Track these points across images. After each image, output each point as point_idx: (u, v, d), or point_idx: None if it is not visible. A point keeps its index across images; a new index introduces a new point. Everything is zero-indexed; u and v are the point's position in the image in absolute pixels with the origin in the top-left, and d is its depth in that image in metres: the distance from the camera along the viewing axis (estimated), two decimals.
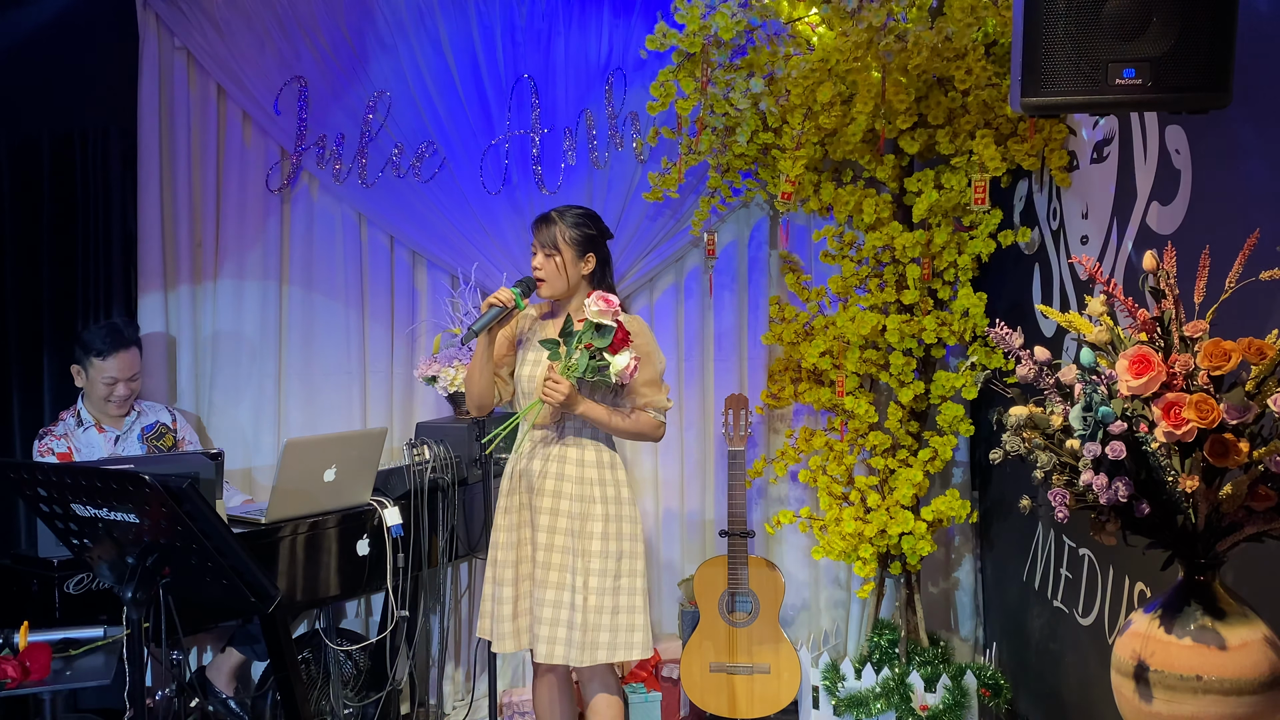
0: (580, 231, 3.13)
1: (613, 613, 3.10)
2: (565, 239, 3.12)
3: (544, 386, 3.01)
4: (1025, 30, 2.17)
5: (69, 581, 3.05)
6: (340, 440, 3.55)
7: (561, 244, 3.11)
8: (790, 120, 3.71)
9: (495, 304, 3.10)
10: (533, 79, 4.26)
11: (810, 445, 4.09)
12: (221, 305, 4.31)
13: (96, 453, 3.79)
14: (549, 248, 3.12)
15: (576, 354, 2.95)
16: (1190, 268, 1.98)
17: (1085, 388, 1.87)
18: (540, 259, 3.13)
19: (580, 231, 3.13)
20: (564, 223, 3.13)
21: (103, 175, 4.26)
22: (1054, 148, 3.43)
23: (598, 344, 2.95)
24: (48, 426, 3.83)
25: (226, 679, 3.73)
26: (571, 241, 3.12)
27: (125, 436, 3.87)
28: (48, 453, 3.75)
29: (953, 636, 4.32)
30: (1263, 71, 2.28)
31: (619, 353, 2.98)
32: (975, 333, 3.89)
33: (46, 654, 2.87)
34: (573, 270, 3.14)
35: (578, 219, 3.15)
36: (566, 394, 2.99)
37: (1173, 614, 1.90)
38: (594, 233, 3.17)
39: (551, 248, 3.12)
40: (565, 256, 3.12)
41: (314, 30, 4.22)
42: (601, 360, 2.97)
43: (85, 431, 3.82)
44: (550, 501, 3.12)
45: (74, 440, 3.79)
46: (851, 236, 4.01)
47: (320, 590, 3.42)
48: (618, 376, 2.98)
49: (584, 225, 3.15)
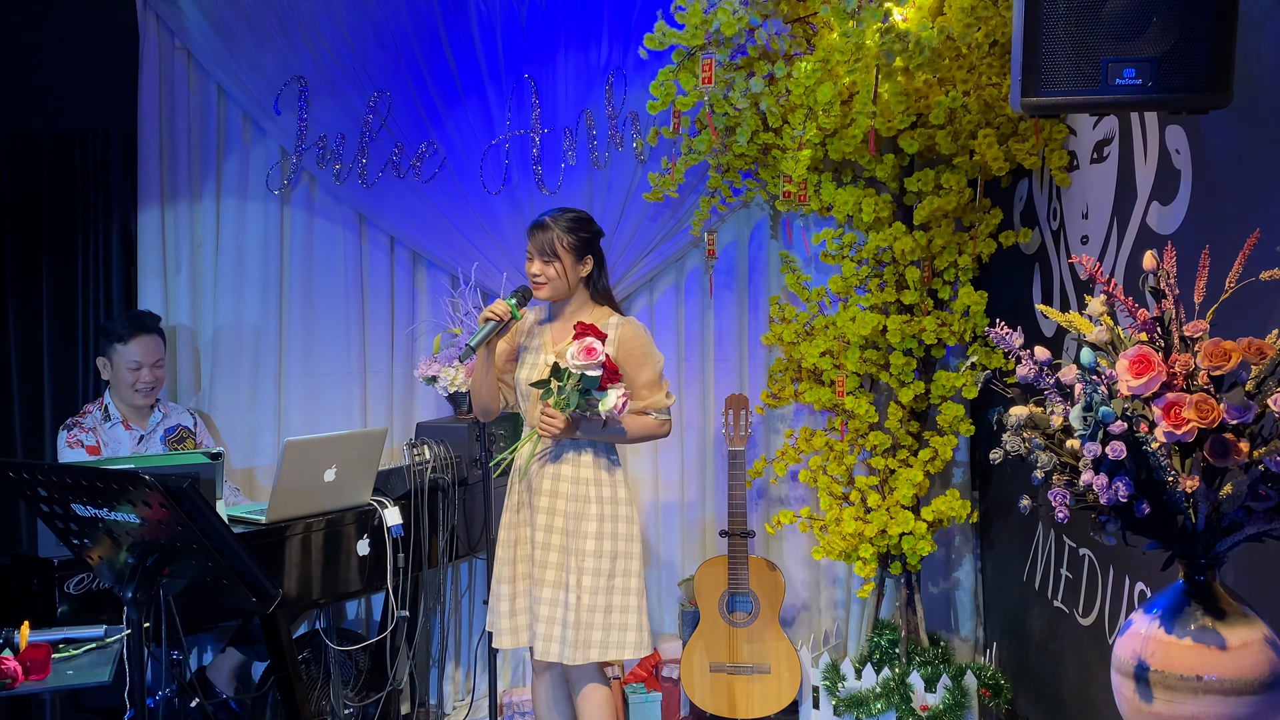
0: (577, 236, 3.14)
1: (605, 611, 3.11)
2: (564, 245, 3.12)
3: (540, 421, 3.06)
4: (1025, 30, 2.17)
5: (69, 581, 3.05)
6: (340, 440, 3.55)
7: (560, 250, 3.12)
8: (791, 120, 3.70)
9: (492, 318, 3.11)
10: (533, 79, 4.25)
11: (810, 445, 4.09)
12: (221, 305, 4.31)
13: (123, 449, 3.80)
14: (546, 254, 3.12)
15: (569, 392, 2.97)
16: (1190, 268, 1.98)
17: (1085, 388, 1.87)
18: (538, 266, 3.13)
19: (577, 236, 3.14)
20: (559, 228, 3.12)
21: (103, 175, 4.26)
22: (1054, 148, 3.43)
23: (585, 385, 2.98)
24: (75, 417, 3.83)
25: (226, 679, 3.73)
26: (569, 247, 3.12)
27: (150, 437, 3.88)
28: (77, 444, 3.75)
29: (953, 636, 4.32)
30: (1263, 71, 2.28)
31: (608, 389, 3.00)
32: (975, 333, 3.89)
33: (46, 654, 2.87)
34: (572, 275, 3.15)
35: (572, 223, 3.14)
36: (562, 427, 3.05)
37: (1173, 614, 1.90)
38: (589, 235, 3.17)
39: (550, 255, 3.12)
40: (564, 262, 3.12)
41: (314, 30, 4.22)
42: (591, 397, 3.00)
43: (113, 427, 3.83)
44: (547, 501, 3.14)
45: (102, 434, 3.80)
46: (851, 237, 4.01)
47: (320, 590, 3.42)
48: (607, 414, 3.01)
49: (579, 229, 3.15)
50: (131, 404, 3.85)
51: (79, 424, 3.80)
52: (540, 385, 3.03)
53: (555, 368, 3.01)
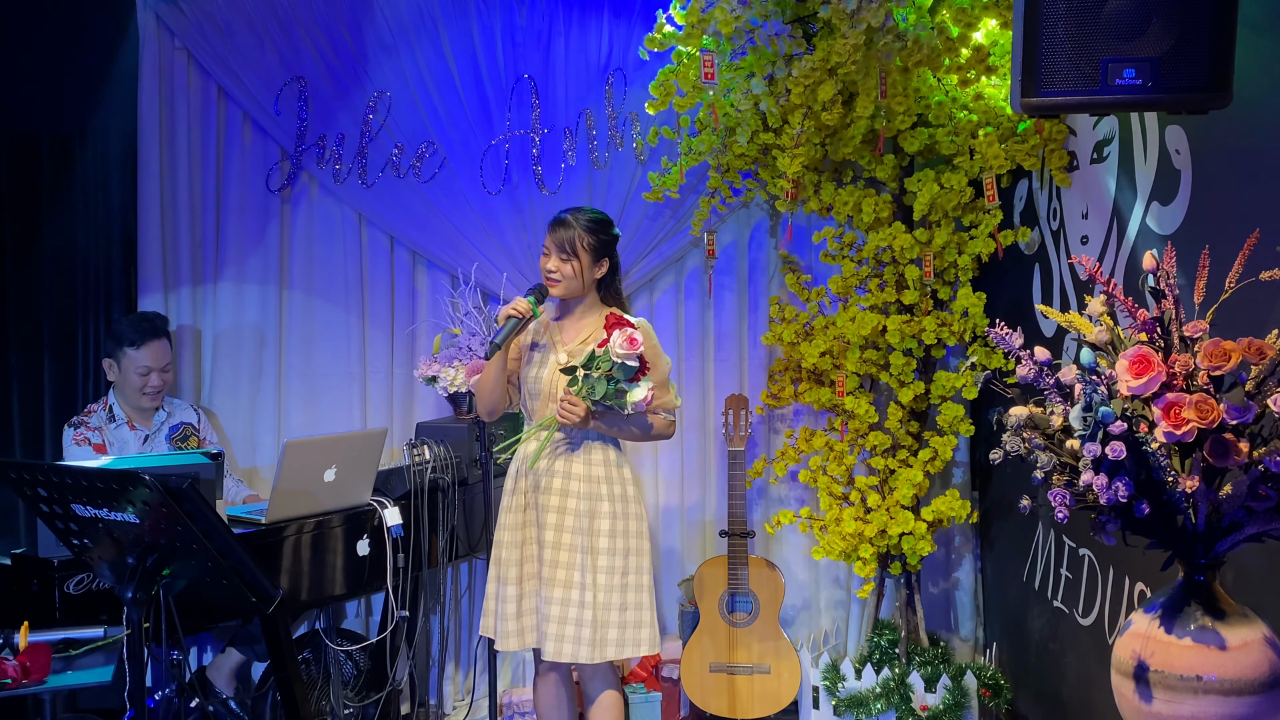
0: (597, 238, 3.15)
1: (620, 609, 3.12)
2: (583, 245, 3.13)
3: (561, 407, 3.05)
4: (1025, 30, 2.17)
5: (69, 581, 3.05)
6: (340, 441, 3.55)
7: (580, 250, 3.13)
8: (791, 120, 3.71)
9: (514, 315, 3.12)
10: (533, 79, 4.25)
11: (810, 445, 4.09)
12: (222, 306, 4.31)
13: (129, 449, 3.81)
14: (565, 252, 3.13)
15: (596, 380, 2.97)
16: (1190, 268, 1.98)
17: (1085, 388, 1.87)
18: (555, 262, 3.14)
19: (597, 238, 3.15)
20: (581, 227, 3.13)
21: (103, 175, 4.26)
22: (1054, 148, 3.43)
23: (619, 375, 2.98)
24: (80, 416, 3.84)
25: (226, 679, 3.73)
26: (588, 248, 3.14)
27: (155, 436, 3.88)
28: (84, 443, 3.75)
29: (953, 636, 4.32)
30: (1264, 71, 2.28)
31: (639, 381, 3.01)
32: (975, 333, 3.89)
33: (46, 654, 2.87)
34: (588, 275, 3.16)
35: (593, 224, 3.16)
36: (582, 416, 3.03)
37: (1173, 614, 1.90)
38: (609, 239, 3.20)
39: (569, 253, 3.12)
40: (582, 262, 3.13)
41: (314, 30, 4.22)
42: (620, 387, 3.00)
43: (118, 428, 3.83)
44: (558, 500, 3.14)
45: (108, 434, 3.80)
46: (851, 237, 4.01)
47: (320, 590, 3.42)
48: (633, 407, 3.02)
49: (600, 231, 3.17)
50: (138, 406, 3.85)
51: (85, 423, 3.80)
52: (569, 372, 3.03)
53: (590, 357, 3.01)
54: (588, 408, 3.03)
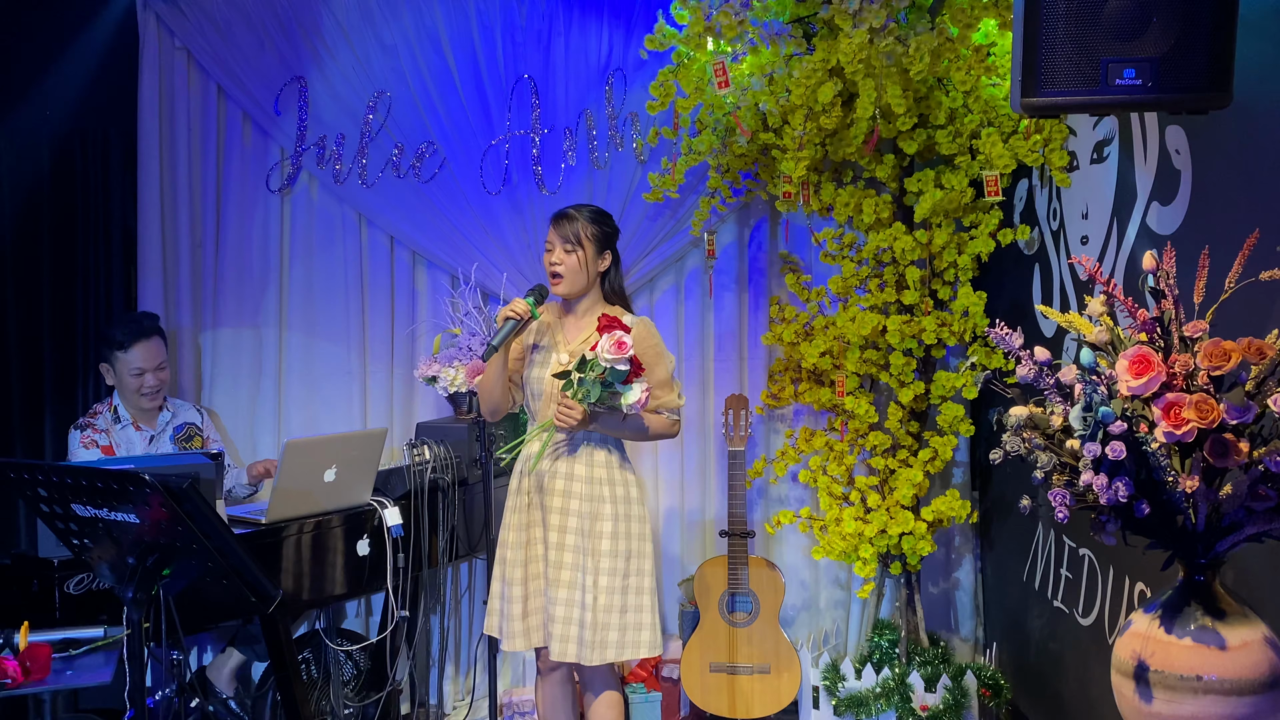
0: (600, 229, 3.18)
1: (621, 611, 3.12)
2: (588, 235, 3.15)
3: (558, 411, 3.05)
4: (1025, 30, 2.17)
5: (69, 581, 3.05)
6: (340, 440, 3.55)
7: (584, 239, 3.15)
8: (792, 121, 3.70)
9: (512, 316, 3.12)
10: (533, 79, 4.25)
11: (810, 445, 4.09)
12: (222, 305, 4.31)
13: (134, 450, 3.81)
14: (570, 243, 3.14)
15: (590, 384, 2.97)
16: (1190, 268, 1.98)
17: (1085, 388, 1.86)
18: (559, 254, 3.15)
19: (600, 229, 3.18)
20: (584, 218, 3.17)
21: (103, 175, 4.27)
22: (1054, 148, 3.43)
23: (611, 379, 2.98)
24: (86, 418, 3.83)
25: (226, 679, 3.73)
26: (593, 238, 3.16)
27: (160, 436, 3.88)
28: (91, 445, 3.75)
29: (953, 636, 4.32)
30: (1264, 71, 2.28)
31: (631, 384, 3.00)
32: (975, 333, 3.89)
33: (46, 654, 2.87)
34: (592, 267, 3.18)
35: (596, 215, 3.20)
36: (579, 418, 3.03)
37: (1173, 614, 1.90)
38: (611, 231, 3.23)
39: (574, 243, 3.14)
40: (586, 253, 3.15)
41: (314, 30, 4.22)
42: (614, 390, 3.00)
43: (123, 429, 3.83)
44: (560, 501, 3.14)
45: (114, 436, 3.80)
46: (852, 237, 4.01)
47: (320, 590, 3.42)
48: (629, 409, 3.02)
49: (603, 223, 3.21)
50: (138, 407, 3.84)
51: (91, 424, 3.80)
52: (562, 376, 3.04)
53: (581, 360, 3.01)
54: (585, 410, 3.03)
